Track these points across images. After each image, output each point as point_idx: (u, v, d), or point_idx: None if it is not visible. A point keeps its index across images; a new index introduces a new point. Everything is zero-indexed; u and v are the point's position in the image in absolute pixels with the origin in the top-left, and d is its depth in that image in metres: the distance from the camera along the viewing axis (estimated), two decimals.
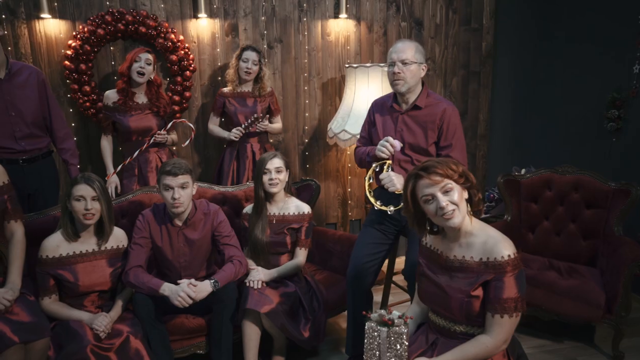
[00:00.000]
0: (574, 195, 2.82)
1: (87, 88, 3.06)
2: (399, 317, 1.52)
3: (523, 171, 3.13)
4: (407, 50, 2.15)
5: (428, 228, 1.63)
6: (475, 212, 1.61)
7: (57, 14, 3.02)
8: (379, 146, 2.16)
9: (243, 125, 3.03)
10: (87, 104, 3.09)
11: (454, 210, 1.51)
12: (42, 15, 2.96)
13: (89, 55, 3.03)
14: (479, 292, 1.52)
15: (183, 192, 2.15)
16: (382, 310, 1.54)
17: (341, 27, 3.53)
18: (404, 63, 2.13)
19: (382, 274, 2.95)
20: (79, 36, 3.00)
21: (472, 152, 3.99)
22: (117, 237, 2.20)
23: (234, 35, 3.35)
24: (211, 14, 3.28)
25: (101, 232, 2.13)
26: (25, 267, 2.10)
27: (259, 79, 3.06)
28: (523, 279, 1.53)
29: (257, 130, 3.05)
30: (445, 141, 2.19)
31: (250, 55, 2.98)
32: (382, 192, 2.21)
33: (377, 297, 2.82)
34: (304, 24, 3.46)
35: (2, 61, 2.44)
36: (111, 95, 2.83)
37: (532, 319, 2.63)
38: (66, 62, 3.02)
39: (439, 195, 1.52)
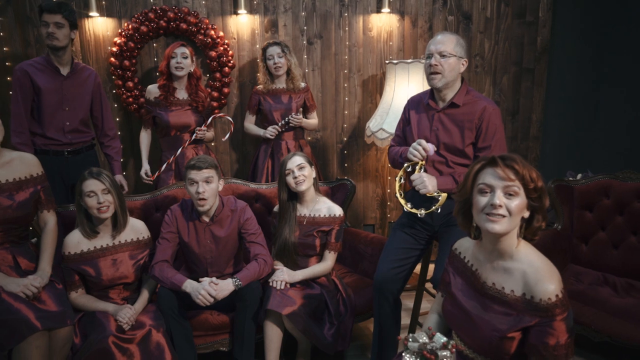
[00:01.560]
0: (636, 204, 2.54)
1: (130, 84, 3.15)
2: (444, 346, 1.25)
3: (579, 176, 2.88)
4: (447, 43, 2.01)
5: (474, 225, 1.39)
6: (526, 239, 1.37)
7: (104, 12, 3.13)
8: (410, 149, 2.03)
9: (279, 124, 2.99)
10: (130, 99, 3.18)
11: (503, 216, 1.28)
12: (91, 14, 3.08)
13: (133, 51, 3.12)
14: (516, 333, 1.30)
15: (207, 186, 2.14)
16: (422, 336, 1.29)
17: (384, 22, 3.40)
18: (442, 55, 2.00)
19: (414, 279, 2.82)
20: (123, 33, 3.09)
21: (523, 154, 3.73)
22: (137, 229, 2.22)
23: (273, 31, 3.32)
24: (251, 10, 3.27)
25: (116, 224, 2.15)
26: (58, 256, 2.16)
27: (289, 71, 3.00)
28: (572, 317, 1.31)
29: (292, 124, 3.00)
30: (483, 142, 2.03)
31: (273, 50, 2.94)
32: (415, 194, 2.09)
33: (410, 302, 2.70)
34: (345, 19, 3.37)
35: (68, 60, 2.64)
36: (153, 90, 2.88)
37: (580, 338, 2.39)
38: (111, 59, 3.12)
39: (499, 192, 1.29)
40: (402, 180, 2.12)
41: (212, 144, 3.30)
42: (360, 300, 2.41)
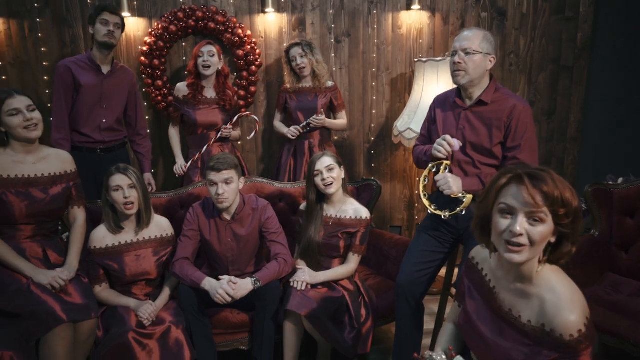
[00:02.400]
0: None
1: (160, 82, 3.20)
2: None
3: (620, 180, 2.72)
4: (472, 39, 1.94)
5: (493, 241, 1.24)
6: (550, 262, 1.20)
7: (136, 12, 3.19)
8: (435, 145, 1.97)
9: (301, 125, 2.97)
10: (159, 97, 3.23)
11: (524, 246, 1.13)
12: (123, 14, 3.13)
13: (162, 51, 3.16)
14: None
15: (227, 187, 2.13)
16: (439, 355, 1.23)
17: (414, 19, 3.33)
18: (466, 52, 1.92)
19: (440, 283, 2.74)
20: (153, 33, 3.14)
21: (560, 156, 3.57)
22: (162, 227, 2.24)
23: (301, 29, 3.30)
24: (279, 9, 3.26)
25: (140, 221, 2.17)
26: (84, 251, 2.20)
27: (314, 70, 2.96)
28: (597, 347, 1.17)
29: (313, 125, 2.97)
30: (513, 142, 1.94)
31: (295, 51, 2.92)
32: (439, 195, 2.02)
33: (435, 306, 2.62)
34: (374, 16, 3.31)
35: (110, 60, 2.73)
36: (182, 88, 2.91)
37: (618, 352, 2.25)
38: (142, 58, 3.18)
39: (521, 217, 1.12)
40: (427, 181, 2.05)
41: (239, 142, 3.31)
42: (383, 303, 2.36)
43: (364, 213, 2.31)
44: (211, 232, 2.25)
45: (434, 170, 2.02)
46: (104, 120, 2.73)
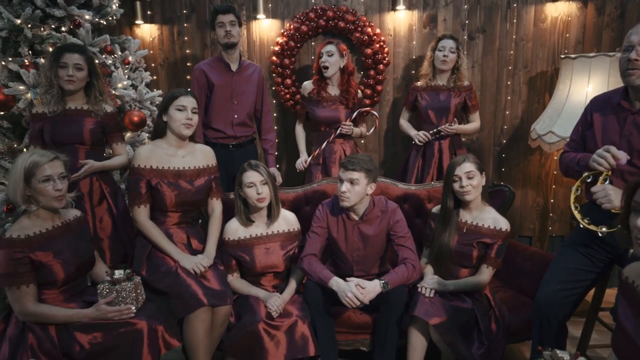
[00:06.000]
0: None
1: (289, 81, 3.31)
2: None
3: None
4: None
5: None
6: None
7: (270, 14, 3.33)
8: (595, 156, 1.74)
9: (431, 132, 2.87)
10: (287, 96, 3.35)
11: None
12: (258, 17, 3.30)
13: (293, 50, 3.27)
14: None
15: (351, 187, 2.12)
16: (563, 354, 1.19)
17: (560, 11, 3.02)
18: None
19: (585, 303, 2.45)
20: (285, 33, 3.26)
21: None
22: (289, 221, 2.32)
23: (432, 26, 3.19)
24: (410, 6, 3.18)
25: (270, 214, 2.26)
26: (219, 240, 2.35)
27: (456, 69, 2.83)
28: None
29: (444, 133, 2.85)
30: None
31: (447, 43, 2.80)
32: (592, 208, 1.80)
33: (577, 331, 2.36)
34: (514, 10, 3.08)
35: (237, 57, 2.89)
36: (307, 86, 2.98)
37: None
38: (273, 58, 3.32)
39: None
40: (579, 191, 1.84)
41: (362, 141, 3.30)
42: (514, 319, 2.19)
43: (504, 224, 2.16)
44: (338, 230, 2.26)
45: (589, 180, 1.80)
46: (236, 116, 2.89)
